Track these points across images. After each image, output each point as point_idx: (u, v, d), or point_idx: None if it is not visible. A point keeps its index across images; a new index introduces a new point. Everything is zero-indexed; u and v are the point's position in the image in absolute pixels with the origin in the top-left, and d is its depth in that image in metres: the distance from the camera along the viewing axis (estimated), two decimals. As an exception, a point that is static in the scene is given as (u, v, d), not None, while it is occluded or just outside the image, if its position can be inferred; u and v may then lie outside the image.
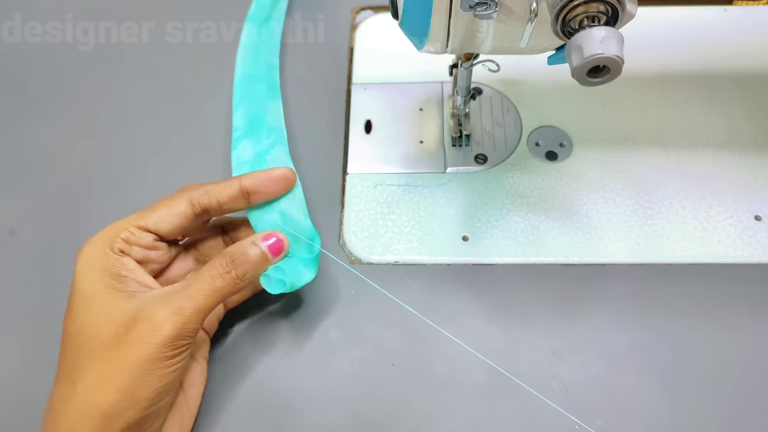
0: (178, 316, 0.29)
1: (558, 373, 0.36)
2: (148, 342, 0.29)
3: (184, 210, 0.33)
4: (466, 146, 0.44)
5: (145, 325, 0.29)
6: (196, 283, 0.31)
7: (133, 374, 0.28)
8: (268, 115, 0.41)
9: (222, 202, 0.33)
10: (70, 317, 0.31)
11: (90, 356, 0.29)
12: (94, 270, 0.31)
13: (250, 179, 0.34)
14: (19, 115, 0.49)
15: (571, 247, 0.40)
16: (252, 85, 0.43)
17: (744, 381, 0.35)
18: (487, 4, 0.28)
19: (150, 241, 0.33)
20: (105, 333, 0.29)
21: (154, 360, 0.29)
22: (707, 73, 0.47)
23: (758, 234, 0.40)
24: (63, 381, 0.30)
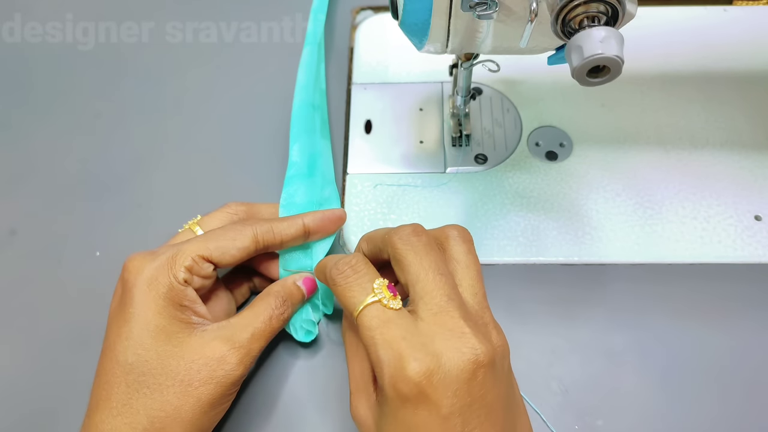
0: (247, 358, 0.31)
1: (558, 373, 0.36)
2: (222, 383, 0.30)
3: (248, 245, 0.33)
4: (466, 146, 0.44)
5: (220, 366, 0.30)
6: (257, 324, 0.32)
7: (204, 409, 0.29)
8: (322, 159, 0.41)
9: (285, 240, 0.34)
10: (128, 345, 0.30)
11: (157, 390, 0.29)
12: (158, 299, 0.30)
13: (312, 219, 0.35)
14: (19, 115, 0.49)
15: (571, 247, 0.40)
16: (309, 116, 0.43)
17: (744, 381, 0.35)
18: (487, 4, 0.28)
19: (210, 272, 0.32)
20: (175, 368, 0.29)
21: (224, 397, 0.30)
22: (707, 73, 0.47)
23: (758, 234, 0.40)
24: (118, 411, 0.29)
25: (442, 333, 0.26)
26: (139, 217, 0.43)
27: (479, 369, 0.26)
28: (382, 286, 0.28)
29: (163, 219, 0.42)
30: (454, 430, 0.25)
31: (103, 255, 0.41)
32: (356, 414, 0.29)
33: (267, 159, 0.45)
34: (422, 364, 0.25)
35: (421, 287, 0.27)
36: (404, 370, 0.25)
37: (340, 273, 0.29)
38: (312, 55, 0.46)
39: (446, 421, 0.25)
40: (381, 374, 0.26)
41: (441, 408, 0.25)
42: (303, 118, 0.42)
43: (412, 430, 0.25)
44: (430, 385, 0.25)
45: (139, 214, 0.43)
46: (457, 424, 0.25)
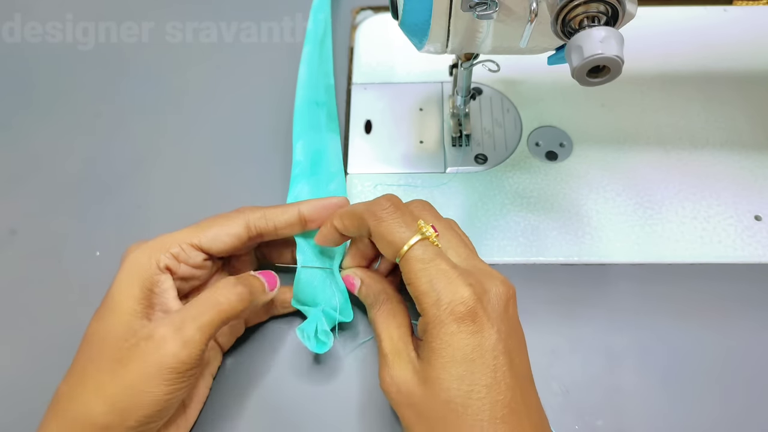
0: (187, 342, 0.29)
1: (558, 373, 0.36)
2: (148, 363, 0.28)
3: (239, 232, 0.33)
4: (466, 146, 0.44)
5: (151, 347, 0.28)
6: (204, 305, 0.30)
7: (129, 392, 0.28)
8: (328, 154, 0.41)
9: (279, 227, 0.34)
10: (95, 316, 0.31)
11: (96, 363, 0.29)
12: (132, 279, 0.30)
13: (309, 206, 0.34)
14: (19, 115, 0.49)
15: (571, 247, 0.40)
16: (313, 113, 0.42)
17: (744, 381, 0.35)
18: (487, 4, 0.28)
19: (199, 261, 0.32)
20: (113, 344, 0.29)
21: (154, 383, 0.28)
22: (707, 73, 0.47)
23: (758, 234, 0.40)
24: (70, 378, 0.30)
25: (476, 270, 0.30)
26: (139, 217, 0.43)
27: (509, 300, 0.30)
28: (427, 225, 0.30)
29: (163, 219, 0.42)
30: (503, 354, 0.28)
31: (103, 255, 0.41)
32: (395, 376, 0.29)
33: (267, 158, 0.45)
34: (475, 288, 0.28)
35: (446, 239, 0.31)
36: (460, 293, 0.28)
37: (385, 209, 0.30)
38: (313, 54, 0.46)
39: (497, 343, 0.28)
40: (437, 301, 0.28)
41: (491, 330, 0.28)
42: (306, 116, 0.42)
43: (465, 355, 0.27)
44: (482, 307, 0.28)
45: (139, 214, 0.43)
46: (504, 348, 0.28)
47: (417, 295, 0.29)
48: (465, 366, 0.27)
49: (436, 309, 0.28)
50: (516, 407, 0.27)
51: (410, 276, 0.29)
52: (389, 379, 0.29)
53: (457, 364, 0.27)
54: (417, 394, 0.28)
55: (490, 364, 0.27)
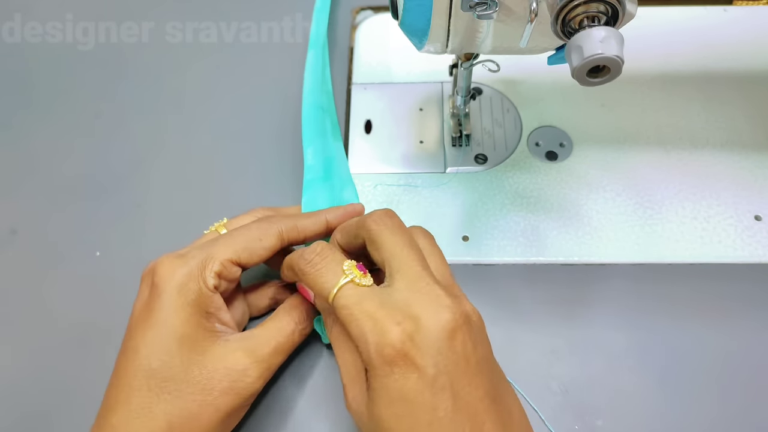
0: (268, 372, 0.31)
1: (558, 373, 0.36)
2: (242, 394, 0.30)
3: (274, 244, 0.33)
4: (466, 146, 0.44)
5: (241, 378, 0.30)
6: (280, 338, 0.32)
7: (222, 419, 0.30)
8: (337, 161, 0.41)
9: (308, 237, 0.34)
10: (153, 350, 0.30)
11: (179, 397, 0.29)
12: (187, 306, 0.30)
13: (334, 215, 0.35)
14: (19, 115, 0.49)
15: (571, 247, 0.40)
16: (320, 119, 0.43)
17: (744, 381, 0.35)
18: (487, 4, 0.28)
19: (238, 276, 0.33)
20: (197, 376, 0.29)
21: (241, 408, 0.31)
22: (707, 73, 0.47)
23: (758, 234, 0.40)
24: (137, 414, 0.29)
25: (418, 298, 0.27)
26: (139, 217, 0.43)
27: (458, 328, 0.27)
28: (351, 266, 0.29)
29: (163, 219, 0.42)
30: (444, 390, 0.26)
31: (103, 255, 0.41)
32: (351, 405, 0.29)
33: (267, 158, 0.45)
34: (403, 327, 0.26)
35: (396, 261, 0.29)
36: (387, 335, 0.26)
37: (308, 262, 0.29)
38: (317, 58, 0.46)
39: (435, 381, 0.26)
40: (366, 346, 0.26)
41: (427, 368, 0.26)
42: (314, 121, 0.42)
43: (403, 396, 0.26)
44: (414, 346, 0.26)
45: (138, 214, 0.43)
46: (446, 383, 0.26)
47: (353, 339, 0.28)
48: (403, 406, 0.26)
49: (367, 354, 0.27)
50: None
51: (342, 322, 0.28)
52: (349, 403, 0.29)
53: (395, 404, 0.26)
54: (367, 426, 0.28)
55: (429, 402, 0.26)
